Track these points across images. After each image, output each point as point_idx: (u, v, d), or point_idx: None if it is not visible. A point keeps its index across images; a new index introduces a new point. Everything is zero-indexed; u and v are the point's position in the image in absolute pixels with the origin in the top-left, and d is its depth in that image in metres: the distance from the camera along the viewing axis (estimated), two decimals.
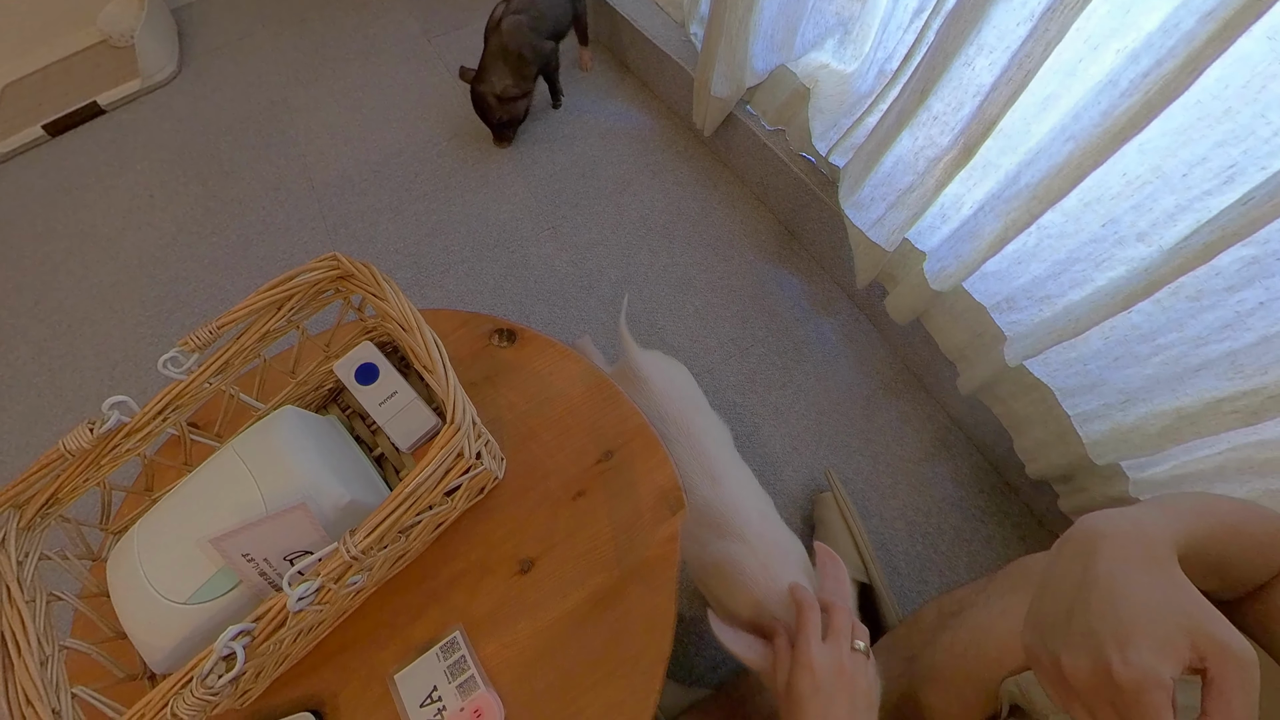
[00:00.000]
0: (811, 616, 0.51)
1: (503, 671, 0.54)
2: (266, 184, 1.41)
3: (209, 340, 0.49)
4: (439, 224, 1.28)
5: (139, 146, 1.57)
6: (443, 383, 0.47)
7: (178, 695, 0.37)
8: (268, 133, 1.53)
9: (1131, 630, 0.30)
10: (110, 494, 0.54)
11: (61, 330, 1.25)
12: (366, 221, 1.31)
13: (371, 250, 1.27)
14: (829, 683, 0.47)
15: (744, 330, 1.09)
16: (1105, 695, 0.31)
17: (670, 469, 0.61)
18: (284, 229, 1.33)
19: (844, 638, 0.50)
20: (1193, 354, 0.60)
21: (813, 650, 0.49)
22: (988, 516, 0.91)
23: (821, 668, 0.48)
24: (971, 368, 0.85)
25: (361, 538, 0.43)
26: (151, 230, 1.37)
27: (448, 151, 1.40)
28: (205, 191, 1.43)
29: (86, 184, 1.51)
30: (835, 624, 0.51)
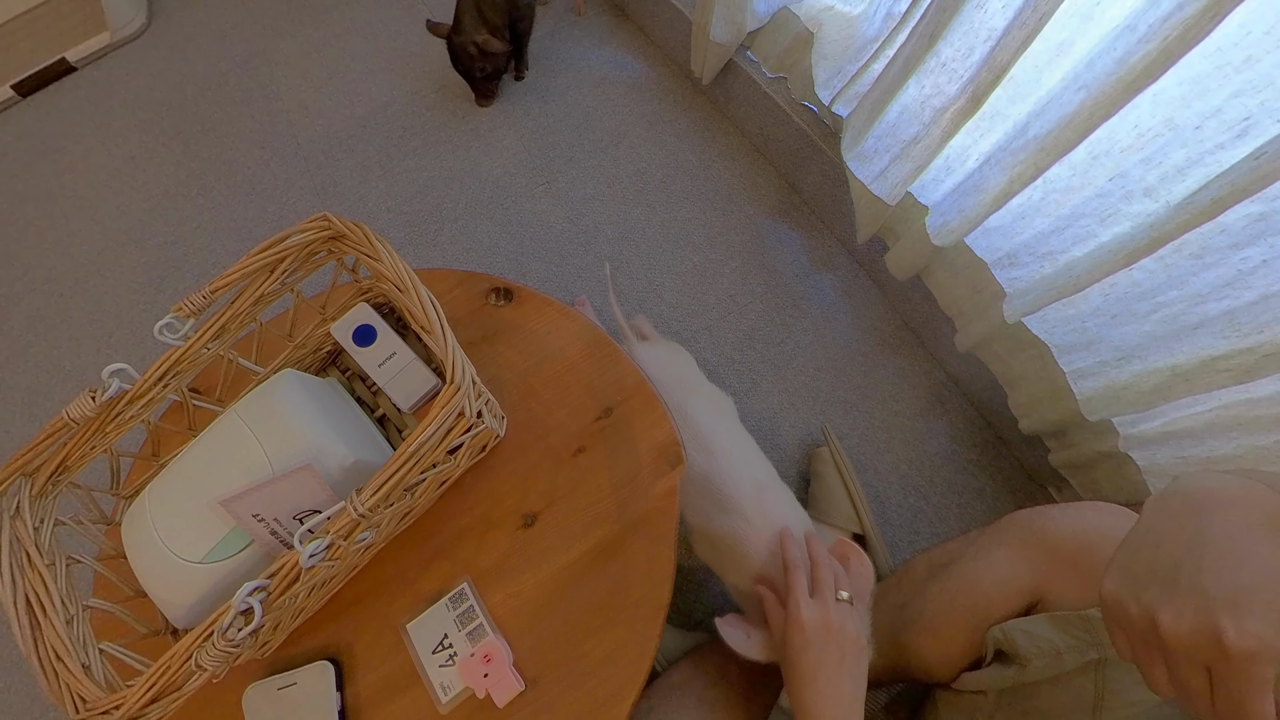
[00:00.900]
0: (798, 576, 0.53)
1: (510, 619, 0.56)
2: (250, 142, 1.37)
3: (203, 305, 0.49)
4: (430, 181, 1.25)
5: (114, 105, 1.51)
6: (441, 343, 0.47)
7: (201, 647, 0.39)
8: (248, 87, 1.47)
9: (1251, 597, 0.29)
10: (118, 460, 0.54)
11: (54, 299, 1.24)
12: (355, 179, 1.28)
13: (362, 210, 1.24)
14: (819, 637, 0.50)
15: (742, 287, 1.08)
16: (1202, 658, 0.30)
17: (669, 425, 0.62)
18: (271, 189, 1.30)
19: (829, 591, 0.52)
20: (1191, 312, 0.60)
21: (801, 608, 0.51)
22: (979, 470, 0.93)
23: (810, 623, 0.50)
24: (970, 324, 0.85)
25: (368, 496, 0.44)
26: (135, 193, 1.34)
27: (436, 104, 1.36)
28: (187, 151, 1.39)
29: (63, 146, 1.46)
30: (820, 579, 0.53)
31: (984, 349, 0.86)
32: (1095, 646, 0.49)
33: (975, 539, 0.60)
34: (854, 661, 0.50)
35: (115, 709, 0.38)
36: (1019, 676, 0.51)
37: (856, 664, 0.50)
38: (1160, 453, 0.69)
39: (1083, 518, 0.53)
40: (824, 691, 0.49)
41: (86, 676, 0.39)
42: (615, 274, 1.11)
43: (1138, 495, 0.71)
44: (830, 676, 0.49)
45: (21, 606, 0.40)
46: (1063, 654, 0.49)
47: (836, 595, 0.52)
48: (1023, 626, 0.52)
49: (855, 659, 0.50)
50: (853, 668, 0.50)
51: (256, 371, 0.61)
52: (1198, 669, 0.31)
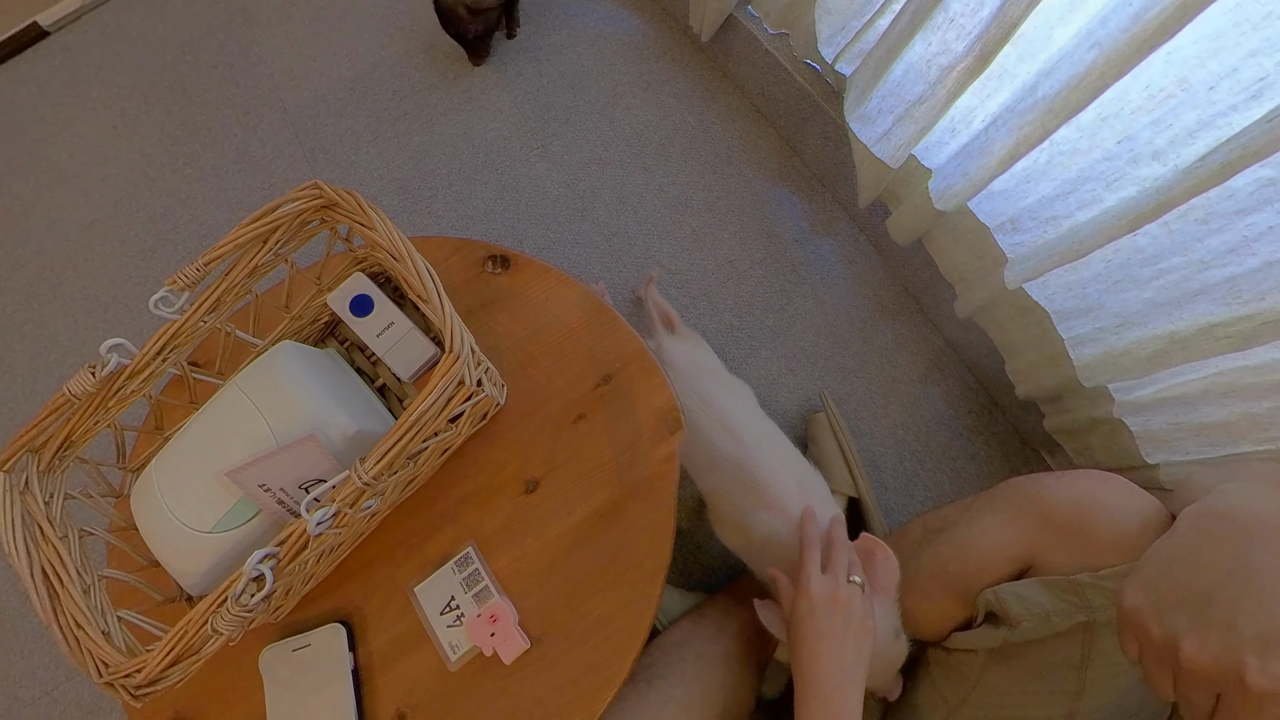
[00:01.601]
0: (811, 553, 0.56)
1: (514, 581, 0.58)
2: (236, 108, 1.33)
3: (197, 278, 0.49)
4: (422, 146, 1.23)
5: (92, 72, 1.46)
6: (439, 312, 0.47)
7: (216, 613, 0.40)
8: (230, 51, 1.42)
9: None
10: (122, 434, 0.55)
11: (45, 275, 1.22)
12: (345, 146, 1.25)
13: (353, 177, 1.22)
14: (824, 608, 0.52)
15: (742, 252, 1.07)
16: (1217, 687, 0.30)
17: (668, 391, 0.62)
18: (259, 157, 1.27)
19: (840, 570, 0.54)
20: (1193, 278, 0.60)
21: (811, 580, 0.54)
22: (974, 435, 0.94)
23: (817, 595, 0.53)
24: (970, 290, 0.85)
25: (372, 465, 0.44)
26: (120, 164, 1.31)
27: (425, 65, 1.32)
28: (171, 119, 1.35)
29: (43, 116, 1.42)
30: (833, 559, 0.55)
31: (983, 315, 0.85)
32: (1084, 610, 0.50)
33: (970, 505, 0.61)
34: (857, 635, 0.52)
35: (137, 672, 0.39)
36: (1009, 637, 0.53)
37: (859, 638, 0.52)
38: (1154, 419, 0.69)
39: (1078, 486, 0.54)
40: (824, 655, 0.51)
41: (107, 643, 0.40)
42: (613, 239, 1.09)
43: (1130, 460, 0.72)
44: (832, 643, 0.51)
45: (39, 577, 0.40)
46: (1052, 616, 0.51)
47: (849, 578, 0.54)
48: (1015, 590, 0.53)
49: (858, 634, 0.52)
50: (855, 641, 0.52)
51: (255, 344, 0.61)
52: (1208, 693, 0.31)
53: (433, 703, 0.55)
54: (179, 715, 0.57)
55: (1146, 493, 0.53)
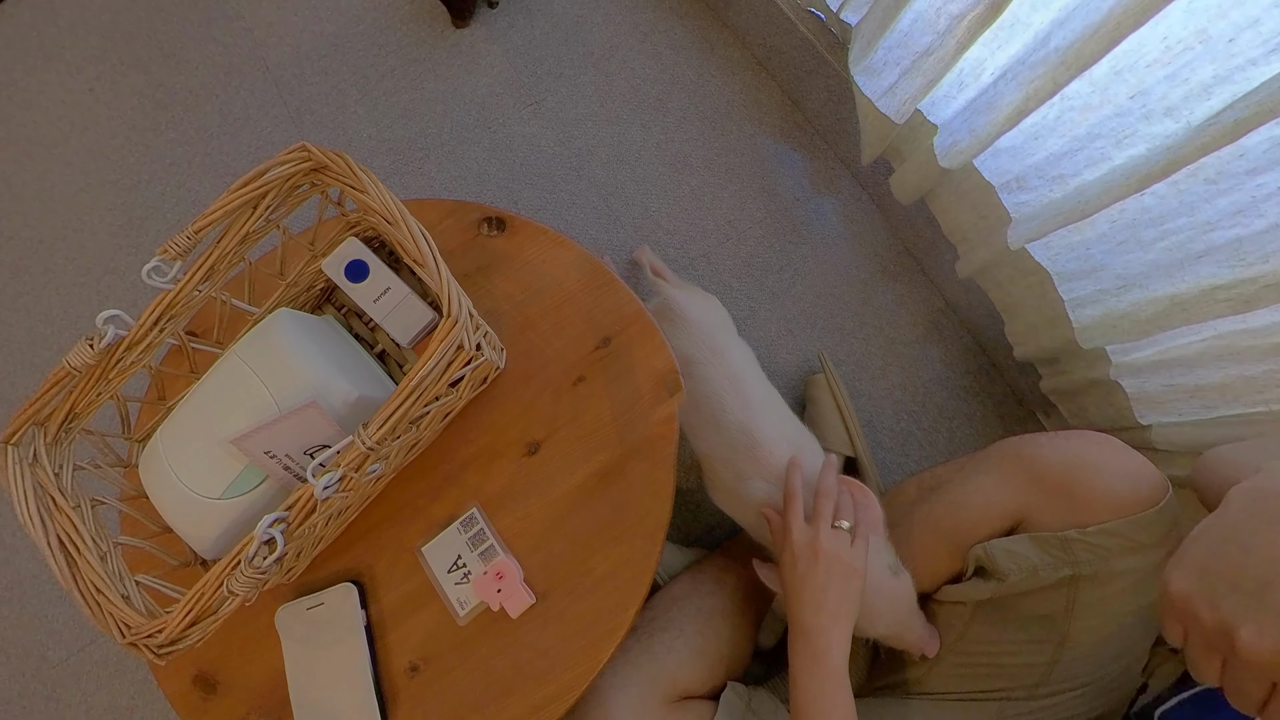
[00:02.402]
0: (794, 505, 0.57)
1: (519, 540, 0.59)
2: (216, 67, 1.28)
3: (189, 246, 0.48)
4: (412, 104, 1.19)
5: (64, 32, 1.40)
6: (435, 276, 0.47)
7: (231, 575, 0.41)
8: (205, 5, 1.36)
9: None
10: (126, 405, 0.55)
11: (35, 248, 1.20)
12: (332, 105, 1.21)
13: (342, 138, 1.19)
14: (805, 558, 0.54)
15: (741, 212, 1.06)
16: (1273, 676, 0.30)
17: (667, 353, 0.62)
18: (244, 119, 1.23)
19: (823, 519, 0.56)
20: (1198, 240, 0.59)
21: (794, 531, 0.56)
22: (971, 396, 0.95)
23: (799, 544, 0.55)
24: (972, 250, 0.84)
25: (374, 430, 0.45)
26: (100, 130, 1.27)
27: (411, 17, 1.26)
28: (149, 80, 1.30)
29: (16, 80, 1.36)
30: (817, 507, 0.57)
31: (984, 276, 0.85)
32: (1070, 565, 0.52)
33: (964, 465, 0.62)
34: (839, 580, 0.54)
35: (159, 632, 0.40)
36: (997, 590, 0.55)
37: (842, 582, 0.54)
38: (1150, 381, 0.70)
39: (1071, 447, 0.55)
40: (807, 602, 0.53)
41: (127, 606, 0.41)
42: (610, 199, 1.08)
43: (1124, 422, 0.73)
44: (813, 591, 0.53)
45: (56, 546, 0.41)
46: (1039, 570, 0.53)
47: (835, 524, 0.56)
48: (1004, 546, 0.55)
49: (840, 579, 0.54)
50: (838, 586, 0.54)
51: (251, 312, 0.61)
52: (1263, 682, 0.30)
53: (444, 655, 0.57)
54: (202, 672, 0.60)
55: (1139, 454, 0.55)
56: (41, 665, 0.95)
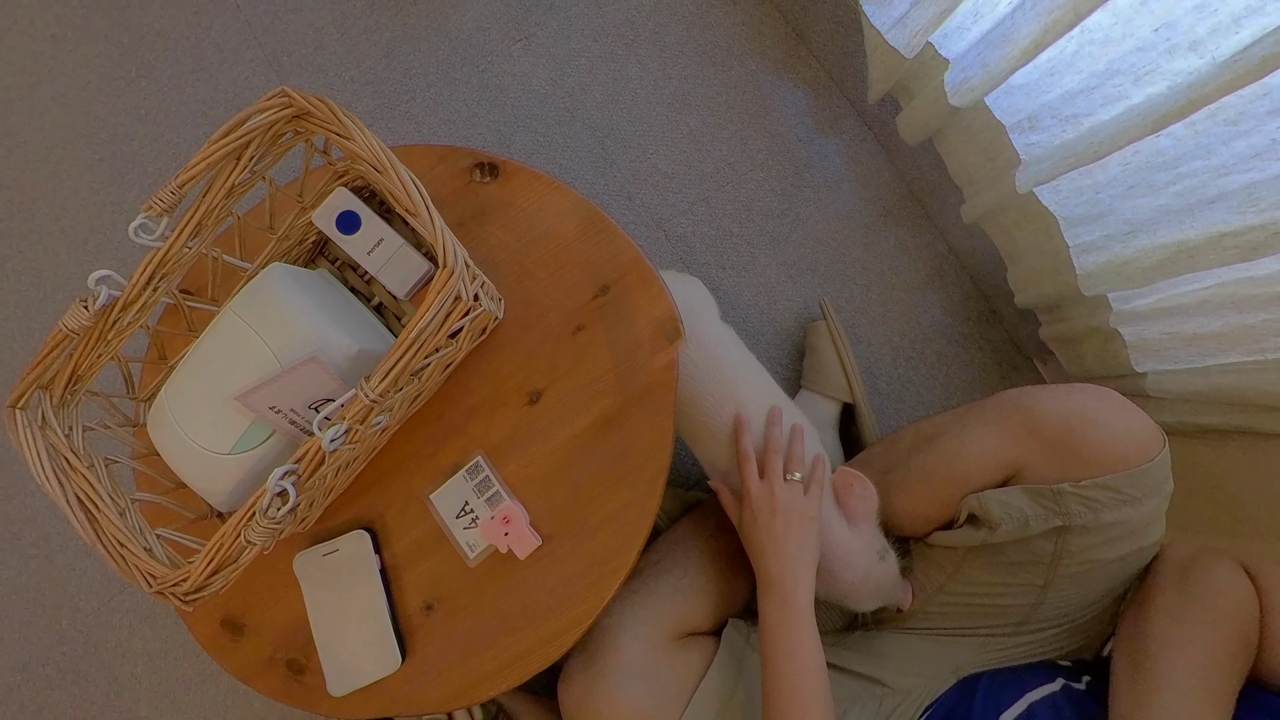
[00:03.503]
0: (748, 466, 0.60)
1: (523, 486, 0.61)
2: (183, 6, 1.20)
3: (174, 202, 0.47)
4: (394, 42, 1.13)
5: None
6: (428, 226, 0.46)
7: (247, 526, 0.43)
8: None
9: None
10: (128, 366, 0.55)
11: (16, 210, 1.16)
12: (309, 45, 1.15)
13: (323, 81, 1.13)
14: (764, 514, 0.58)
15: (742, 153, 1.02)
16: None
17: (666, 301, 0.62)
18: (218, 63, 1.17)
19: (774, 475, 0.59)
20: (1212, 184, 0.57)
21: (751, 490, 0.59)
22: (970, 342, 0.95)
23: (757, 501, 0.58)
24: (978, 194, 0.82)
25: (377, 383, 0.45)
26: (68, 80, 1.21)
27: None
28: (114, 24, 1.22)
29: None
30: (768, 465, 0.59)
31: (989, 221, 0.83)
32: (1061, 516, 0.54)
33: (962, 415, 0.63)
34: (798, 530, 0.57)
35: (183, 581, 0.42)
36: (988, 538, 0.57)
37: (801, 531, 0.57)
38: (1149, 329, 0.70)
39: (1071, 401, 0.56)
40: (770, 555, 0.57)
41: (151, 558, 0.43)
42: (606, 142, 1.04)
43: (1120, 369, 0.74)
44: (775, 543, 0.57)
45: (75, 505, 0.43)
46: (1030, 521, 0.55)
47: (787, 476, 0.59)
48: (998, 496, 0.57)
49: (799, 528, 0.57)
50: (797, 535, 0.57)
51: (244, 268, 0.60)
52: None
53: (456, 595, 0.60)
54: (229, 616, 0.63)
55: (1138, 409, 0.55)
56: (76, 615, 0.99)
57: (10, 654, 0.98)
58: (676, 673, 0.59)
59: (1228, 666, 0.49)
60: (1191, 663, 0.49)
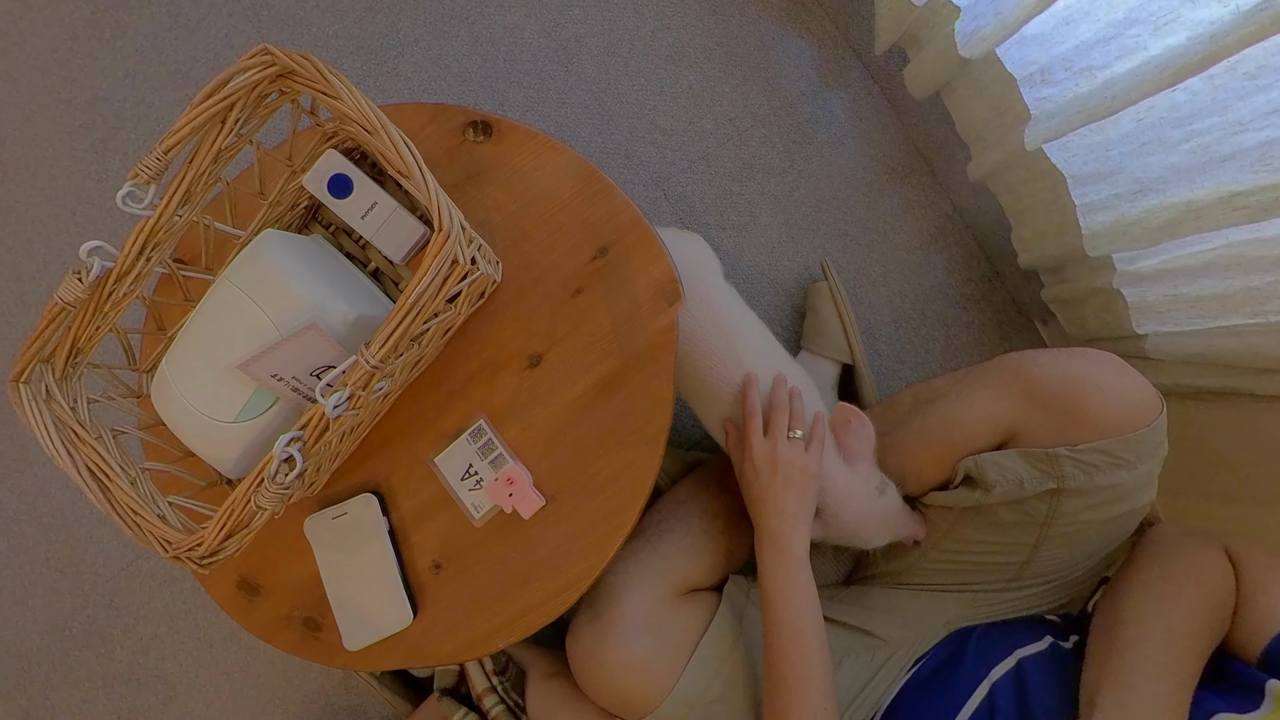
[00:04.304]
0: (753, 422, 0.60)
1: (526, 448, 0.62)
2: None
3: (160, 168, 0.46)
4: None
5: None
6: (422, 188, 0.45)
7: (256, 491, 0.44)
8: None
9: None
10: (127, 338, 0.55)
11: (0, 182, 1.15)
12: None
13: (306, 37, 1.09)
14: (765, 470, 0.58)
15: (743, 108, 0.99)
16: None
17: (666, 262, 0.61)
18: (196, 20, 1.11)
19: (778, 431, 0.59)
20: (1226, 142, 0.56)
21: (754, 446, 0.59)
22: (970, 304, 0.95)
23: (759, 457, 0.59)
24: (986, 150, 0.80)
25: (377, 349, 0.45)
26: (40, 41, 1.15)
27: None
28: None
29: None
30: (771, 421, 0.60)
31: (996, 179, 0.81)
32: (1055, 479, 0.55)
33: (962, 379, 0.63)
34: (798, 486, 0.58)
35: (198, 546, 0.43)
36: (982, 499, 0.59)
37: (801, 488, 0.58)
38: (1152, 290, 0.70)
39: (1072, 365, 0.56)
40: (770, 510, 0.58)
41: (165, 524, 0.44)
42: (602, 97, 1.00)
43: (1120, 331, 0.74)
44: (775, 499, 0.58)
45: (86, 475, 0.43)
46: (1025, 483, 0.56)
47: (789, 434, 0.59)
48: (994, 459, 0.58)
49: (799, 485, 0.58)
50: (797, 491, 0.58)
51: (237, 235, 0.59)
52: None
53: (463, 554, 0.62)
54: (245, 577, 0.65)
55: (1138, 374, 0.56)
56: (96, 580, 1.02)
57: (37, 618, 1.02)
58: (680, 626, 0.61)
59: (1194, 644, 0.50)
60: (1160, 635, 0.51)
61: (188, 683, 1.00)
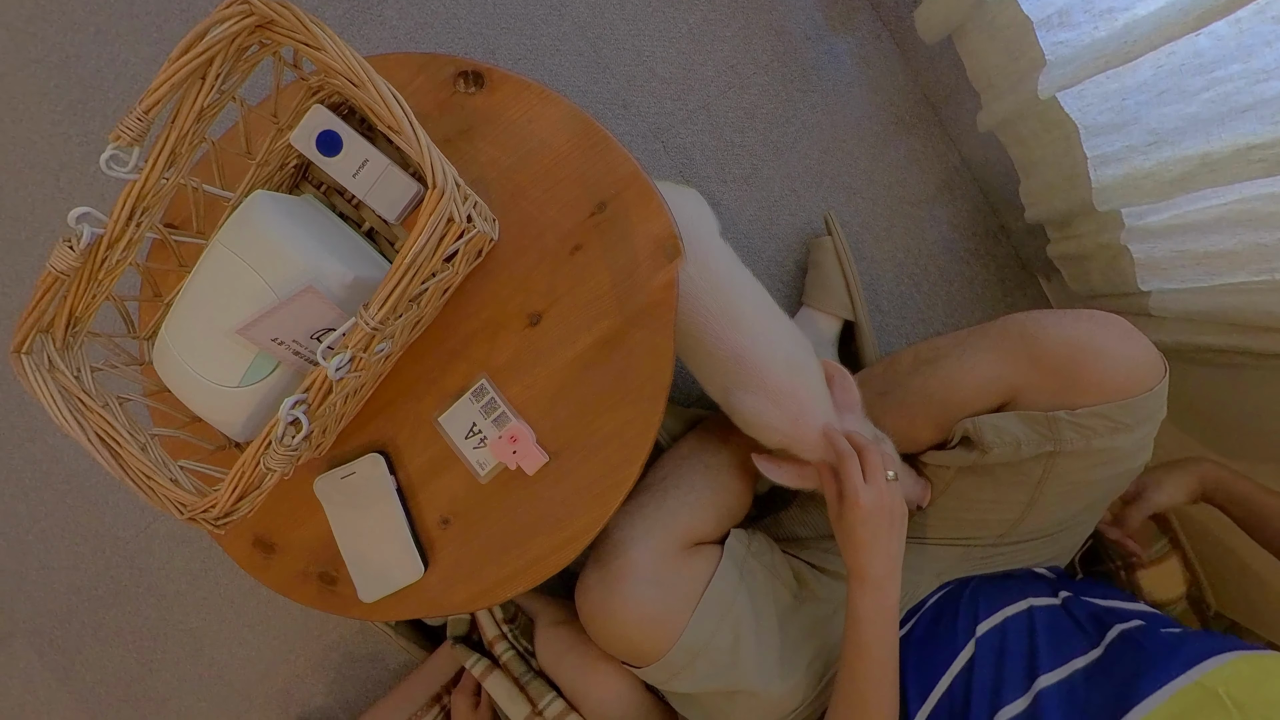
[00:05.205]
0: (851, 466, 0.56)
1: (528, 407, 0.62)
2: None
3: (142, 129, 0.44)
4: None
5: None
6: (414, 144, 0.44)
7: (265, 454, 0.44)
8: None
9: None
10: (124, 306, 0.54)
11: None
12: None
13: None
14: (874, 516, 0.55)
15: (745, 53, 0.95)
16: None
17: (665, 217, 0.60)
18: None
19: (880, 475, 0.56)
20: (1247, 91, 0.54)
21: (859, 492, 0.55)
22: (974, 259, 0.93)
23: (868, 505, 0.55)
24: (997, 99, 0.77)
25: (376, 310, 0.45)
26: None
27: None
28: None
29: None
30: (871, 465, 0.56)
31: (1006, 129, 0.79)
32: (1053, 442, 0.55)
33: (964, 339, 0.63)
34: (900, 528, 0.57)
35: (212, 508, 0.44)
36: (979, 460, 0.59)
37: (902, 530, 0.57)
38: (1159, 246, 0.69)
39: (1078, 328, 0.55)
40: (879, 555, 0.56)
41: (177, 488, 0.45)
42: (598, 43, 0.96)
43: (1125, 287, 0.73)
44: (882, 544, 0.56)
45: (97, 442, 0.44)
46: (1022, 446, 0.56)
47: (886, 476, 0.57)
48: (992, 421, 0.58)
49: (900, 526, 0.57)
50: (899, 533, 0.57)
51: (226, 197, 0.58)
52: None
53: (470, 510, 0.63)
54: (260, 536, 0.67)
55: (1143, 337, 0.55)
56: (116, 543, 1.04)
57: (63, 580, 1.05)
58: (684, 578, 0.63)
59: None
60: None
61: (212, 635, 1.04)
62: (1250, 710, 0.41)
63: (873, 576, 0.56)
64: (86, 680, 1.06)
